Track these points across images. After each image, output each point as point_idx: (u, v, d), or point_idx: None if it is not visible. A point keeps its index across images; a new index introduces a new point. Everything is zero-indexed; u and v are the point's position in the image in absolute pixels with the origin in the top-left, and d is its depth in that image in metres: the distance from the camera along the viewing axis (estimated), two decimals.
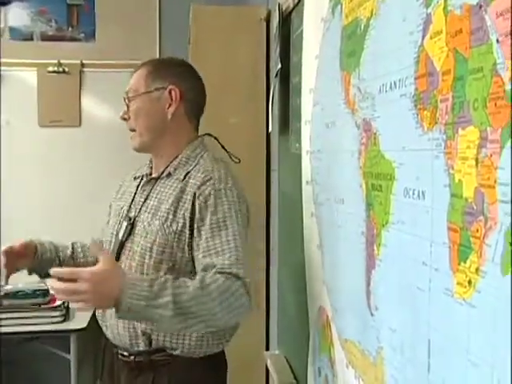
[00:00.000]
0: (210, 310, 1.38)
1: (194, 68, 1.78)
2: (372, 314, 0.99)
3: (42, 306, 2.93)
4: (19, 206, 3.72)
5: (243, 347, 2.75)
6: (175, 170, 1.65)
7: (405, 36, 0.81)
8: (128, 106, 1.70)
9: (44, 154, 3.72)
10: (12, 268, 1.73)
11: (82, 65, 3.70)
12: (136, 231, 1.64)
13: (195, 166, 1.64)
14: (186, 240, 1.56)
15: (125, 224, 1.67)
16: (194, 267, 1.54)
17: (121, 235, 1.66)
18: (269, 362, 2.14)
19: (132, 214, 1.67)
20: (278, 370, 1.95)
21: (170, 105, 1.65)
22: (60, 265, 1.82)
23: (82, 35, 3.75)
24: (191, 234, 1.56)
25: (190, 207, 1.56)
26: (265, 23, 2.71)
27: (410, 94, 0.82)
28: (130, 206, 1.71)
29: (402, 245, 0.87)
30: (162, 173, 1.67)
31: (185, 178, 1.61)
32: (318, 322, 1.49)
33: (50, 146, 3.75)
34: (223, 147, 1.82)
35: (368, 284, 1.01)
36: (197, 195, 1.56)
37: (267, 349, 2.74)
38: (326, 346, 1.39)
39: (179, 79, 1.67)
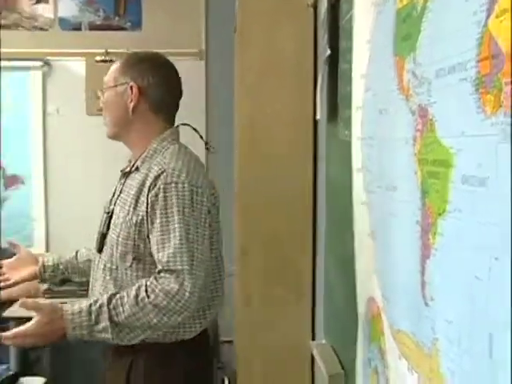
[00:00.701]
0: (148, 323, 1.56)
1: (168, 63, 1.85)
2: (427, 305, 0.97)
3: None
4: (67, 194, 3.79)
5: (288, 336, 2.75)
6: (142, 163, 1.74)
7: (467, 17, 0.78)
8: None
9: (92, 142, 3.77)
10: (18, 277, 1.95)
11: None
12: (111, 224, 1.75)
13: (158, 159, 1.71)
14: (146, 232, 1.64)
15: (105, 217, 1.79)
16: None
17: (101, 228, 1.78)
18: (315, 352, 2.12)
19: (111, 208, 1.78)
20: (324, 360, 1.94)
21: (131, 100, 1.75)
22: (65, 270, 2.00)
23: (129, 24, 3.78)
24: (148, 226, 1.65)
25: (146, 200, 1.64)
26: (312, 9, 2.67)
27: (471, 78, 0.79)
28: (111, 200, 1.82)
29: (459, 234, 0.84)
30: (133, 166, 1.77)
31: (148, 171, 1.69)
32: (368, 311, 1.46)
33: (98, 135, 3.79)
34: (201, 137, 1.94)
35: (422, 274, 0.99)
36: (150, 189, 1.63)
37: (313, 338, 2.73)
38: (376, 336, 1.36)
39: (141, 76, 1.76)
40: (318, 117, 2.25)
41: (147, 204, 1.63)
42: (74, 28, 3.78)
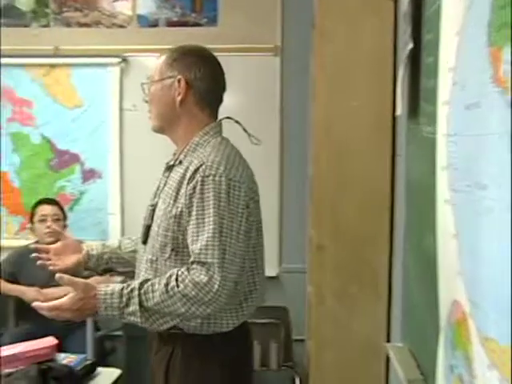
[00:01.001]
0: (176, 311, 1.58)
1: (213, 56, 1.85)
2: None
3: None
4: (143, 188, 3.83)
5: (362, 336, 2.69)
6: (185, 156, 1.76)
7: None
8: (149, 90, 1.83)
9: (167, 138, 3.80)
10: (62, 264, 1.97)
11: None
12: (154, 216, 1.78)
13: (199, 152, 1.72)
14: (185, 224, 1.66)
15: (149, 209, 1.83)
16: None
17: (146, 220, 1.82)
18: (391, 355, 2.06)
19: (155, 200, 1.81)
20: (402, 364, 1.87)
21: (178, 93, 1.75)
22: (109, 260, 2.03)
23: (205, 20, 3.79)
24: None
25: (185, 193, 1.66)
26: (392, 3, 2.60)
27: None
28: (155, 192, 1.85)
29: None
30: (176, 160, 1.78)
31: (189, 164, 1.71)
32: (451, 315, 1.40)
33: None
34: (244, 130, 1.88)
35: None
36: (189, 182, 1.65)
37: (388, 340, 2.66)
38: (460, 342, 1.30)
39: (188, 69, 1.76)
40: (397, 113, 2.18)
41: (186, 196, 1.65)
42: (151, 25, 3.83)
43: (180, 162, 1.77)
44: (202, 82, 1.78)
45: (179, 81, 1.75)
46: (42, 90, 3.89)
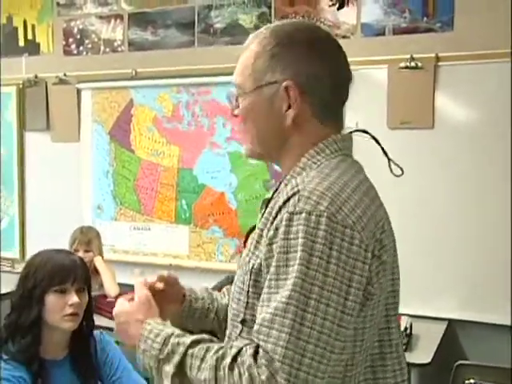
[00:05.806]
0: None
1: (328, 36, 1.26)
2: None
3: None
4: None
5: None
6: (286, 185, 1.16)
7: None
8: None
9: (394, 159, 3.38)
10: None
11: (437, 58, 3.27)
12: None
13: (301, 177, 1.14)
14: (263, 285, 1.09)
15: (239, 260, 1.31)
16: None
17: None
18: None
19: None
20: None
21: (288, 106, 1.17)
22: (215, 317, 1.41)
23: (438, 25, 3.32)
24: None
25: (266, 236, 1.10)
26: None
27: None
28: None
29: None
30: (275, 191, 1.22)
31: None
32: None
33: (400, 151, 3.38)
34: (383, 150, 1.32)
35: None
36: (274, 220, 1.09)
37: None
38: None
39: (298, 66, 1.17)
40: None
41: (266, 242, 1.10)
42: (376, 34, 3.46)
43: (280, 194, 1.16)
44: (321, 82, 1.17)
45: (287, 88, 1.16)
46: None
